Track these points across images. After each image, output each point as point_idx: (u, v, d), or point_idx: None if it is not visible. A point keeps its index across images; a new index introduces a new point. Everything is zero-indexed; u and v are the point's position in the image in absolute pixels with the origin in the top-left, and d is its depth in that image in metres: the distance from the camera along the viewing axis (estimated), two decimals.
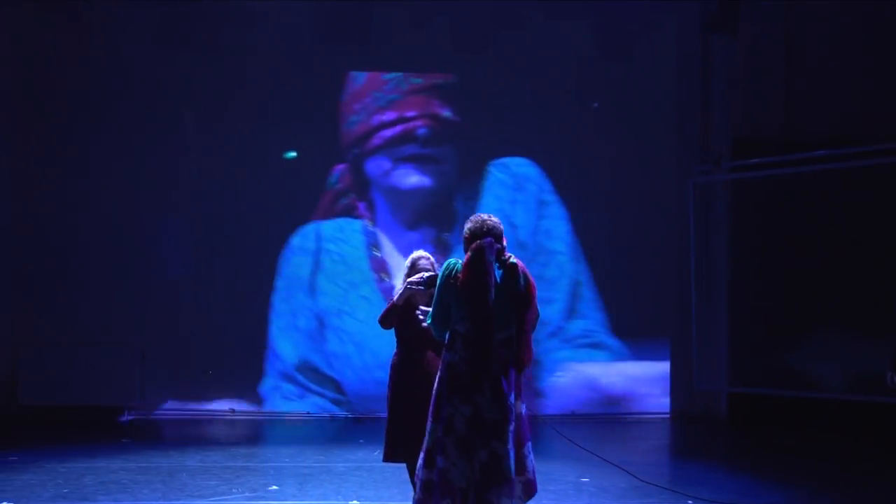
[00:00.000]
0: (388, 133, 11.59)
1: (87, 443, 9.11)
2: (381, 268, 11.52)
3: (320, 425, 10.73)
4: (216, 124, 11.37)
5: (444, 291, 5.01)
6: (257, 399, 11.23)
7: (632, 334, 11.57)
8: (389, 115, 11.58)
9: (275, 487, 7.18)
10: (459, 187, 11.68)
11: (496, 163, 11.70)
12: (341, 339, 11.39)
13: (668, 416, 11.48)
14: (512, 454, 4.94)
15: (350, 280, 11.45)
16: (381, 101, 11.58)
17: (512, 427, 4.95)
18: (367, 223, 11.59)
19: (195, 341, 11.16)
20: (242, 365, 11.21)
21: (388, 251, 11.60)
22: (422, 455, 5.05)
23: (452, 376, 4.97)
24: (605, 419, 11.32)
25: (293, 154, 11.50)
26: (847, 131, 10.65)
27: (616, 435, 10.43)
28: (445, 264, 5.11)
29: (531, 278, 5.09)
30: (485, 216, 5.15)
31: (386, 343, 10.76)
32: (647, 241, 11.67)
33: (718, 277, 11.25)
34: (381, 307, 5.98)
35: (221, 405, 11.16)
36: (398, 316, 6.00)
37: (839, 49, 11.22)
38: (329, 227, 11.54)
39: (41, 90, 11.23)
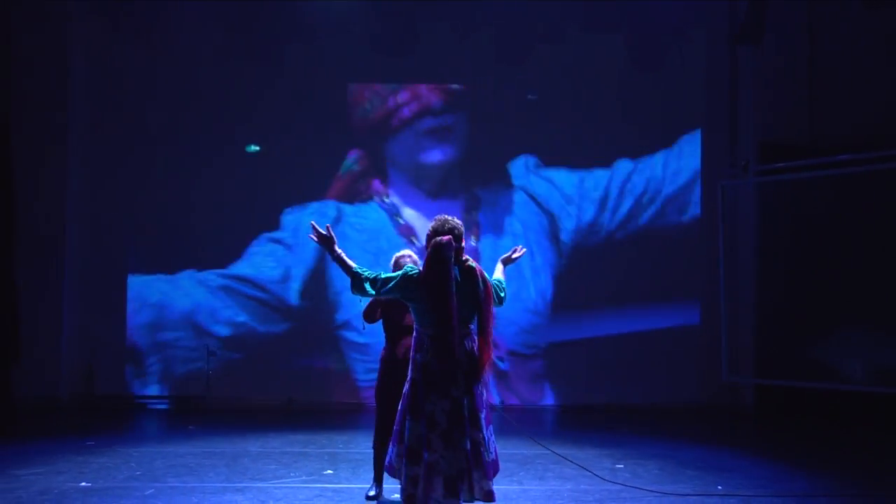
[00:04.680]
0: (405, 111, 11.56)
1: (157, 429, 9.22)
2: (408, 232, 11.47)
3: (371, 414, 10.74)
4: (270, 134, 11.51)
5: (403, 285, 4.97)
6: (313, 389, 11.30)
7: (663, 330, 11.48)
8: (403, 95, 11.58)
9: (330, 472, 7.21)
10: (477, 161, 11.65)
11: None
12: None
13: (697, 406, 11.36)
14: (487, 439, 4.94)
15: (378, 246, 11.22)
16: (392, 85, 11.62)
17: (483, 414, 4.97)
18: (384, 198, 11.54)
19: (257, 339, 11.26)
20: (299, 357, 11.30)
21: (412, 218, 11.54)
22: (402, 451, 4.96)
23: (427, 375, 4.93)
24: (638, 409, 11.24)
25: (255, 148, 11.50)
26: (869, 136, 10.49)
27: (648, 425, 10.34)
28: (408, 268, 5.09)
29: (489, 282, 5.10)
30: (448, 217, 5.12)
31: None
32: (677, 240, 11.58)
33: (746, 275, 11.13)
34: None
35: (280, 395, 11.24)
36: (382, 311, 6.05)
37: (861, 57, 11.06)
38: (348, 208, 11.53)
39: (113, 103, 11.39)
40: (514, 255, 5.68)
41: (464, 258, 5.08)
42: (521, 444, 7.79)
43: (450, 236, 4.97)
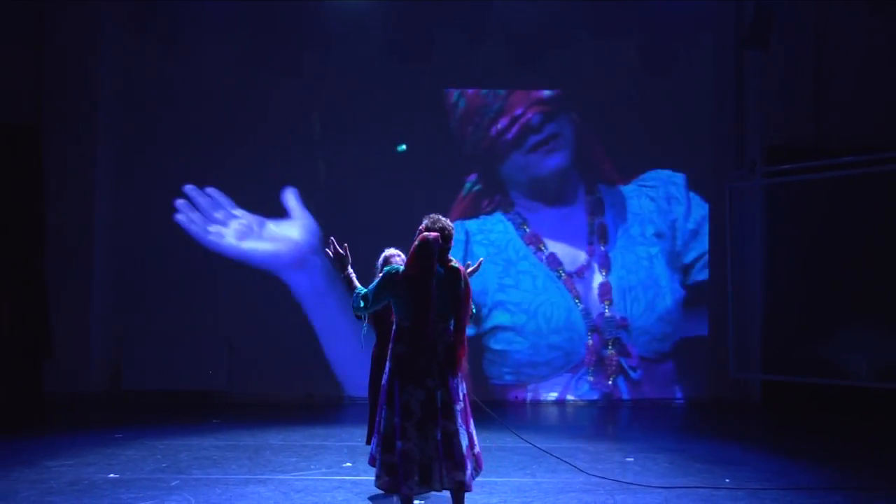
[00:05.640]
0: (509, 136, 11.47)
1: (182, 423, 9.24)
2: (535, 240, 11.30)
3: None
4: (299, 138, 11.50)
5: (386, 285, 5.05)
6: (336, 384, 11.30)
7: (673, 327, 11.45)
8: (503, 122, 11.48)
9: (349, 464, 7.23)
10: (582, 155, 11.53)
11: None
12: (510, 310, 11.25)
13: (706, 401, 11.32)
14: (462, 431, 4.99)
15: (506, 258, 11.27)
16: (490, 113, 11.52)
17: (459, 407, 5.02)
18: (507, 210, 11.41)
19: (278, 334, 11.28)
20: (317, 354, 11.32)
21: (538, 225, 11.41)
22: (377, 440, 5.06)
23: (404, 367, 4.99)
24: (647, 404, 11.21)
25: (403, 147, 11.44)
26: (874, 138, 10.46)
27: (658, 419, 10.33)
28: (388, 267, 5.18)
29: (469, 284, 5.16)
30: (440, 217, 5.20)
31: (560, 310, 11.20)
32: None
33: (753, 273, 11.09)
34: (543, 275, 5.78)
35: (300, 389, 11.27)
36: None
37: (867, 60, 11.03)
38: (473, 224, 11.40)
39: (142, 108, 11.45)
40: (470, 270, 5.68)
41: (448, 257, 5.14)
42: (532, 438, 7.77)
43: (437, 234, 5.03)
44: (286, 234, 11.31)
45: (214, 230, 11.28)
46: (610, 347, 11.35)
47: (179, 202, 11.26)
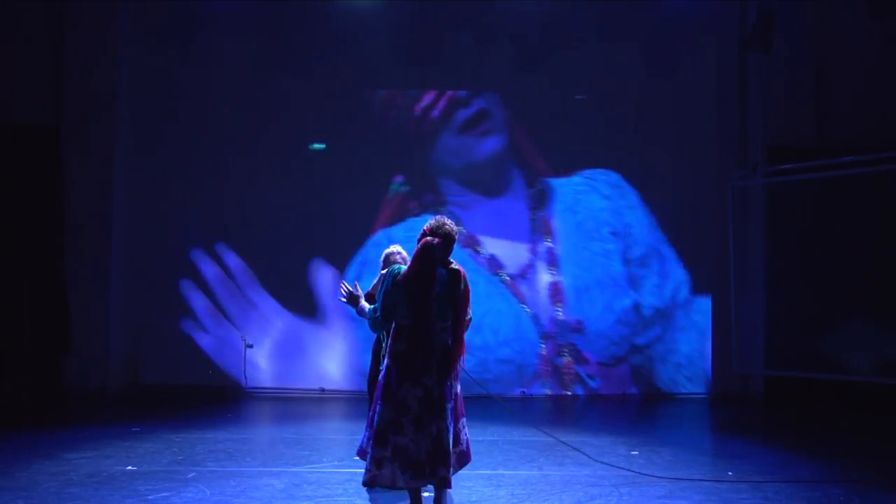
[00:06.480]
0: (435, 113, 10.96)
1: (198, 417, 9.27)
2: (471, 241, 10.65)
3: None
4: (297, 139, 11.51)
5: (392, 291, 5.06)
6: (343, 380, 11.30)
7: (676, 324, 11.42)
8: (427, 98, 10.97)
9: (358, 458, 7.22)
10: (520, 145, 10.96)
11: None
12: None
13: (708, 396, 11.30)
14: (451, 429, 5.01)
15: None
16: (412, 96, 11.21)
17: (450, 405, 5.04)
18: (439, 209, 10.59)
19: (292, 329, 11.29)
20: (327, 352, 11.33)
21: (474, 223, 10.78)
22: (369, 435, 5.08)
23: (402, 364, 5.01)
24: (652, 399, 11.20)
25: (320, 146, 11.27)
26: (873, 139, 10.43)
27: (662, 413, 10.31)
28: (389, 269, 5.18)
29: (468, 286, 5.19)
30: (446, 220, 5.21)
31: (507, 319, 10.50)
32: (691, 239, 11.51)
33: (755, 271, 11.07)
34: (484, 281, 5.84)
35: (312, 385, 11.29)
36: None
37: (867, 63, 11.00)
38: (399, 230, 10.75)
39: (159, 108, 11.50)
40: None
41: (449, 260, 5.15)
42: (538, 432, 7.78)
43: (440, 239, 5.04)
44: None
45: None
46: (565, 355, 10.73)
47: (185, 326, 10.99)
